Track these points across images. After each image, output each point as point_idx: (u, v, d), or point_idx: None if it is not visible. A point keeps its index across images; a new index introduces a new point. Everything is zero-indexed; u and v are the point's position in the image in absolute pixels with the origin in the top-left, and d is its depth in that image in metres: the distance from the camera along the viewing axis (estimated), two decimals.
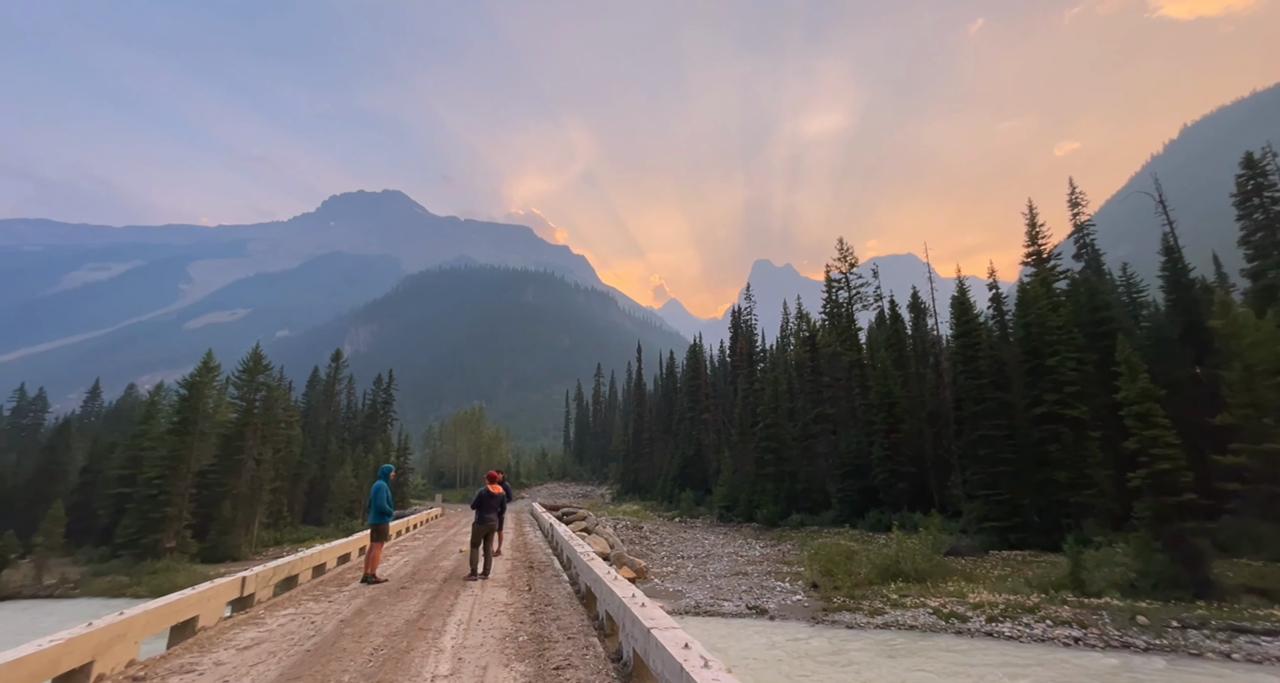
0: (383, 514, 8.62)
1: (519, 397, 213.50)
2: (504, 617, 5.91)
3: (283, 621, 6.16)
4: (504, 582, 8.18)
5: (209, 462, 38.15)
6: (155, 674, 4.45)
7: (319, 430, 56.55)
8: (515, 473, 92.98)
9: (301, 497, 49.61)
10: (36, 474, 47.41)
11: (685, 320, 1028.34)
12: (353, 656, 4.70)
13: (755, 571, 21.47)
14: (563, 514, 26.48)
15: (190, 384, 38.04)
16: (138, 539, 32.94)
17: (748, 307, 54.80)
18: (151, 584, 26.86)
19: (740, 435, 42.93)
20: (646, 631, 3.61)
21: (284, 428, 45.46)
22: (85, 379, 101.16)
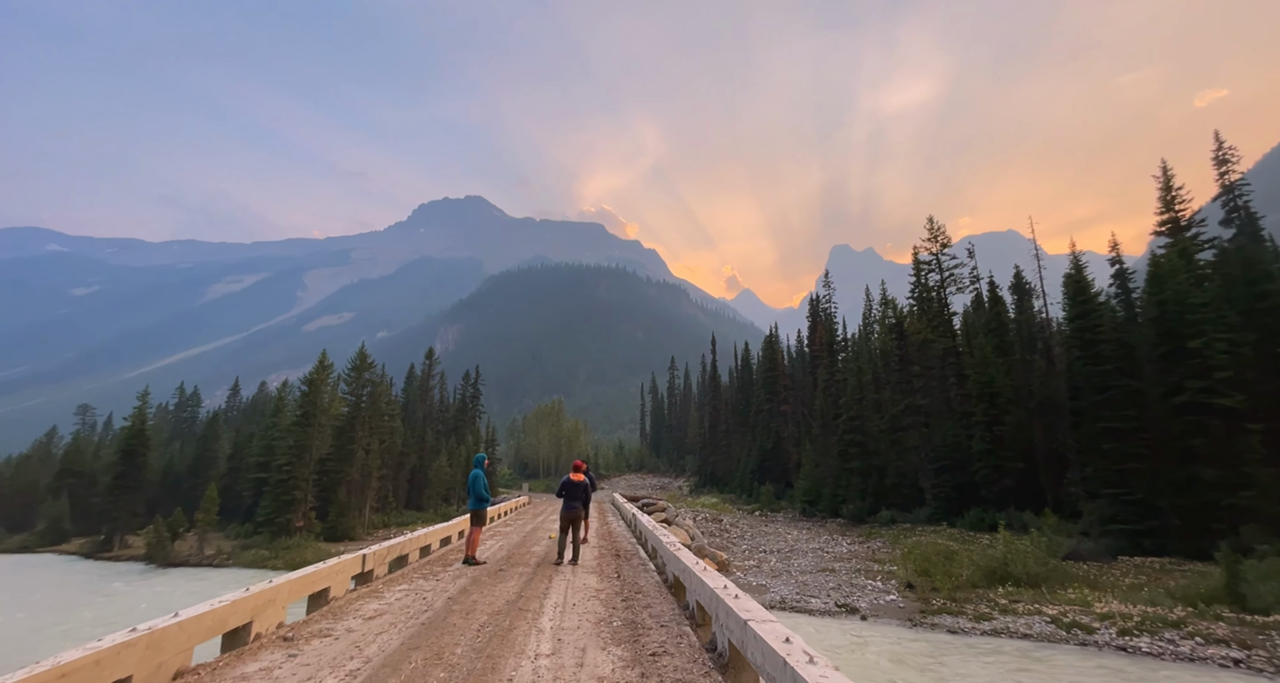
0: (481, 501, 9.19)
1: (595, 390, 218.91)
2: (596, 602, 6.11)
3: (399, 595, 6.76)
4: (593, 568, 8.45)
5: (326, 451, 42.46)
6: (300, 636, 5.04)
7: (416, 423, 61.24)
8: (594, 464, 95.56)
9: (404, 484, 54.04)
10: (195, 460, 55.22)
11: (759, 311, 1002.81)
12: (462, 631, 5.06)
13: (843, 568, 20.66)
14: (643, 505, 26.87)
15: (310, 382, 42.47)
16: (273, 518, 37.45)
17: (826, 294, 52.46)
18: (286, 558, 30.41)
19: (822, 428, 41.33)
20: (743, 622, 3.58)
21: (387, 421, 49.66)
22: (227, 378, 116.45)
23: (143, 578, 29.64)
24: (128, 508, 45.10)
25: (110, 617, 20.04)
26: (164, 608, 20.57)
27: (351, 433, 43.37)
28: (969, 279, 35.59)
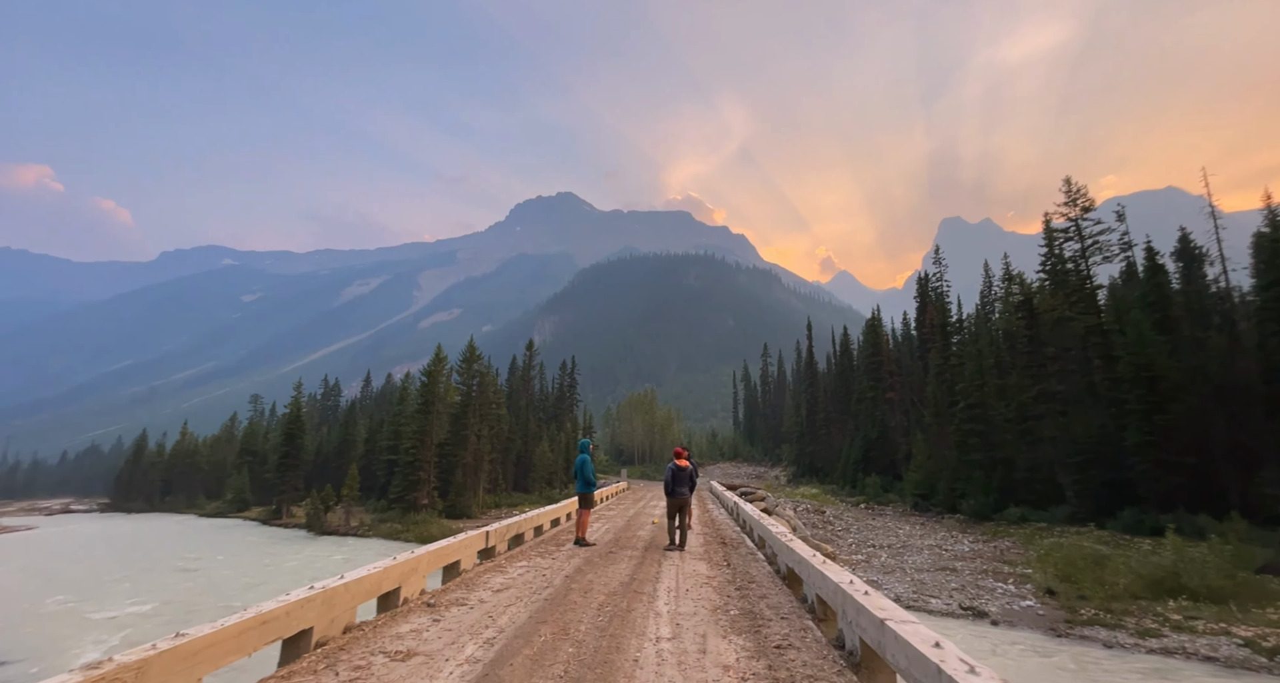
0: (588, 484, 9.53)
1: (686, 378, 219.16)
2: (709, 589, 6.08)
3: (520, 571, 7.20)
4: (700, 555, 8.45)
5: (444, 436, 46.51)
6: (441, 603, 5.53)
7: (520, 411, 65.13)
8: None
9: (511, 467, 57.84)
10: (339, 443, 63.05)
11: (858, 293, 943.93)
12: (583, 609, 5.27)
13: (966, 568, 18.98)
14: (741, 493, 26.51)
15: (428, 373, 46.65)
16: (403, 496, 41.83)
17: (936, 272, 47.97)
18: (415, 532, 33.85)
19: (935, 417, 38.09)
20: (879, 622, 3.34)
21: (495, 409, 53.30)
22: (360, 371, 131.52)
23: (305, 543, 34.50)
24: (291, 483, 52.63)
25: (285, 574, 23.55)
26: (326, 569, 23.78)
27: (464, 420, 47.07)
28: (1118, 246, 30.72)
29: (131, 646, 12.63)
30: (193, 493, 73.34)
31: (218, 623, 3.56)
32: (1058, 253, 31.78)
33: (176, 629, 9.57)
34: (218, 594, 19.79)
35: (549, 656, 3.97)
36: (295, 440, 53.85)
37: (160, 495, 75.35)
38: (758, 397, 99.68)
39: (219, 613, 14.21)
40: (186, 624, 14.71)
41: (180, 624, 15.59)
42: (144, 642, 9.41)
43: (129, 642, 14.09)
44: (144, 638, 14.37)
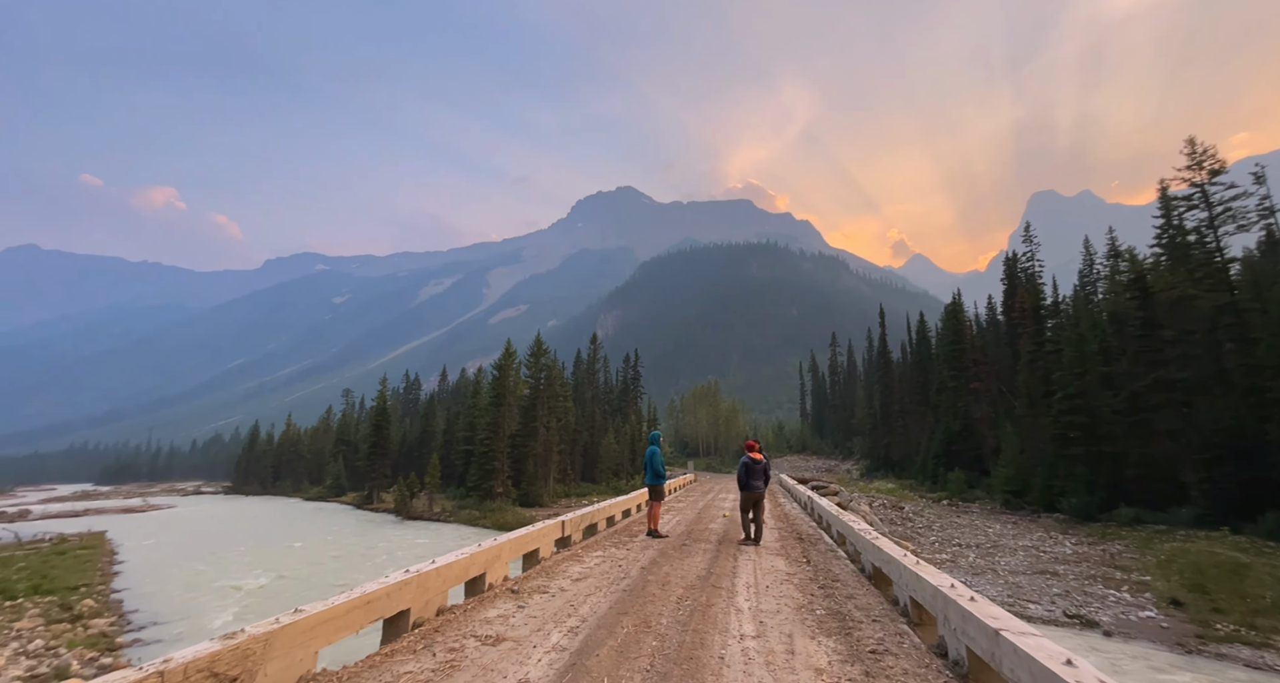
0: (658, 476, 9.52)
1: (750, 370, 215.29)
2: (790, 586, 5.88)
3: (596, 561, 7.31)
4: (777, 550, 8.22)
5: (515, 428, 48.37)
6: (524, 590, 5.70)
7: (586, 404, 66.53)
8: None
9: (579, 458, 59.30)
10: (420, 434, 67.24)
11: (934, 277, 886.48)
12: (662, 601, 5.24)
13: (1070, 572, 17.37)
14: (813, 487, 25.68)
15: (499, 367, 48.60)
16: (480, 484, 43.97)
17: (1027, 251, 43.90)
18: (492, 519, 35.50)
19: (1028, 408, 35.04)
20: (993, 632, 3.05)
21: (562, 402, 54.77)
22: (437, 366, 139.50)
23: (394, 527, 37.14)
24: (379, 471, 56.77)
25: (379, 554, 25.46)
26: (412, 551, 25.48)
27: (534, 412, 48.69)
28: (1255, 213, 26.75)
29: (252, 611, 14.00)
30: (298, 478, 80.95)
31: (329, 602, 3.82)
32: (1177, 224, 28.18)
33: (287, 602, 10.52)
34: (322, 571, 21.70)
35: (633, 648, 3.97)
36: (382, 431, 57.94)
37: (271, 480, 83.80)
38: (826, 388, 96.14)
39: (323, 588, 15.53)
40: (296, 597, 16.15)
41: (290, 596, 17.23)
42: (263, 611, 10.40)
43: (250, 609, 15.73)
44: (262, 607, 16.00)
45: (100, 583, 19.21)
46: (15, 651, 11.60)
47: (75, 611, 15.10)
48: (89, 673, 11.05)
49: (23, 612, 14.58)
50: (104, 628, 14.04)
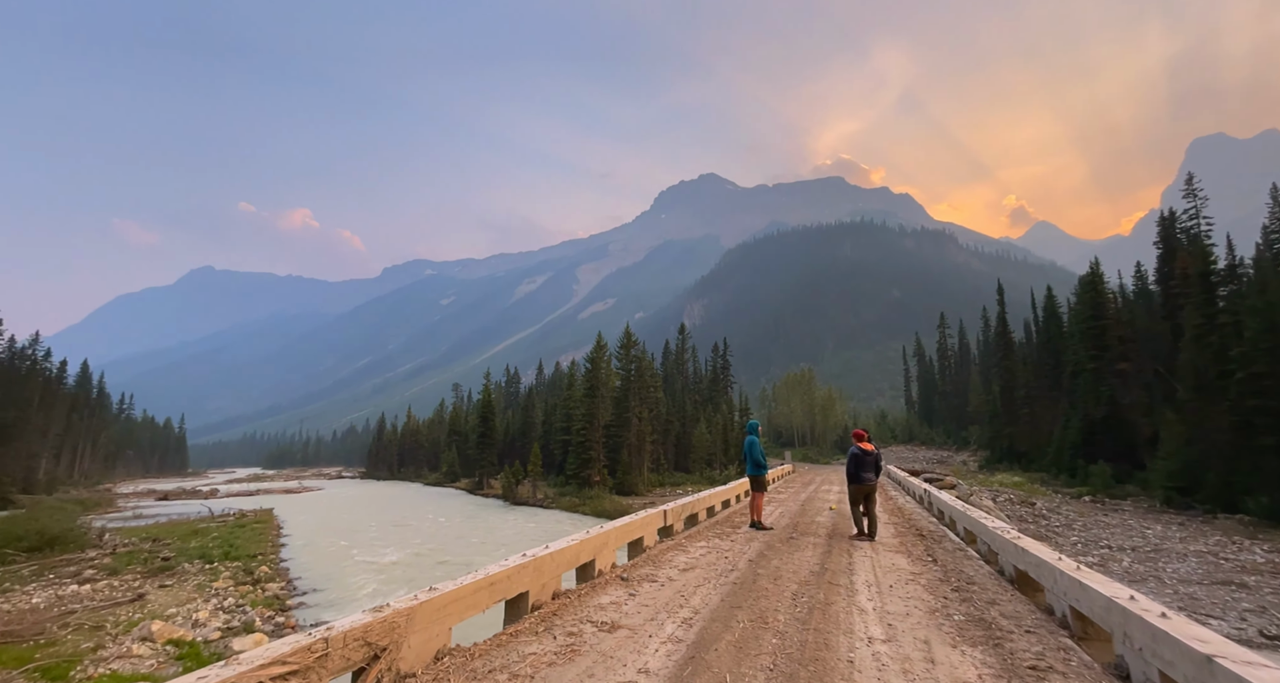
0: (759, 467, 9.22)
1: (846, 356, 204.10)
2: (916, 587, 5.40)
3: (701, 551, 7.23)
4: (895, 547, 7.63)
5: (609, 418, 49.69)
6: (632, 578, 5.76)
7: (676, 394, 66.79)
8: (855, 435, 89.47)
9: (671, 448, 59.75)
10: (521, 425, 71.34)
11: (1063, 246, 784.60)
12: (776, 597, 5.04)
13: (1262, 584, 14.59)
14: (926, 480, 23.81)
15: (591, 360, 50.11)
16: (578, 473, 45.78)
17: (1189, 208, 37.20)
18: (591, 506, 36.82)
19: (1195, 391, 29.80)
20: (1203, 659, 2.53)
21: (652, 392, 55.39)
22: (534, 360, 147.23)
23: (503, 511, 39.79)
24: (487, 459, 61.02)
25: (491, 533, 27.40)
26: (522, 533, 27.11)
27: (626, 402, 49.71)
28: None
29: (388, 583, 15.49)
30: (419, 465, 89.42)
31: (458, 582, 4.06)
32: None
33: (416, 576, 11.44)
34: (446, 550, 23.75)
35: (751, 645, 3.82)
36: (488, 423, 62.17)
37: (397, 466, 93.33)
38: (934, 373, 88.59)
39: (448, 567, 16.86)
40: (424, 572, 17.73)
41: (419, 572, 19.02)
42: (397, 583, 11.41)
43: (387, 582, 17.59)
44: (396, 579, 17.82)
45: (271, 553, 22.46)
46: (214, 606, 13.87)
47: (255, 575, 17.77)
48: (268, 629, 12.94)
49: (218, 574, 17.42)
50: (276, 591, 16.38)
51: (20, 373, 58.54)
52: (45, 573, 17.60)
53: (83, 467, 74.74)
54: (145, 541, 23.49)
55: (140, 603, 13.73)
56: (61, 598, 14.33)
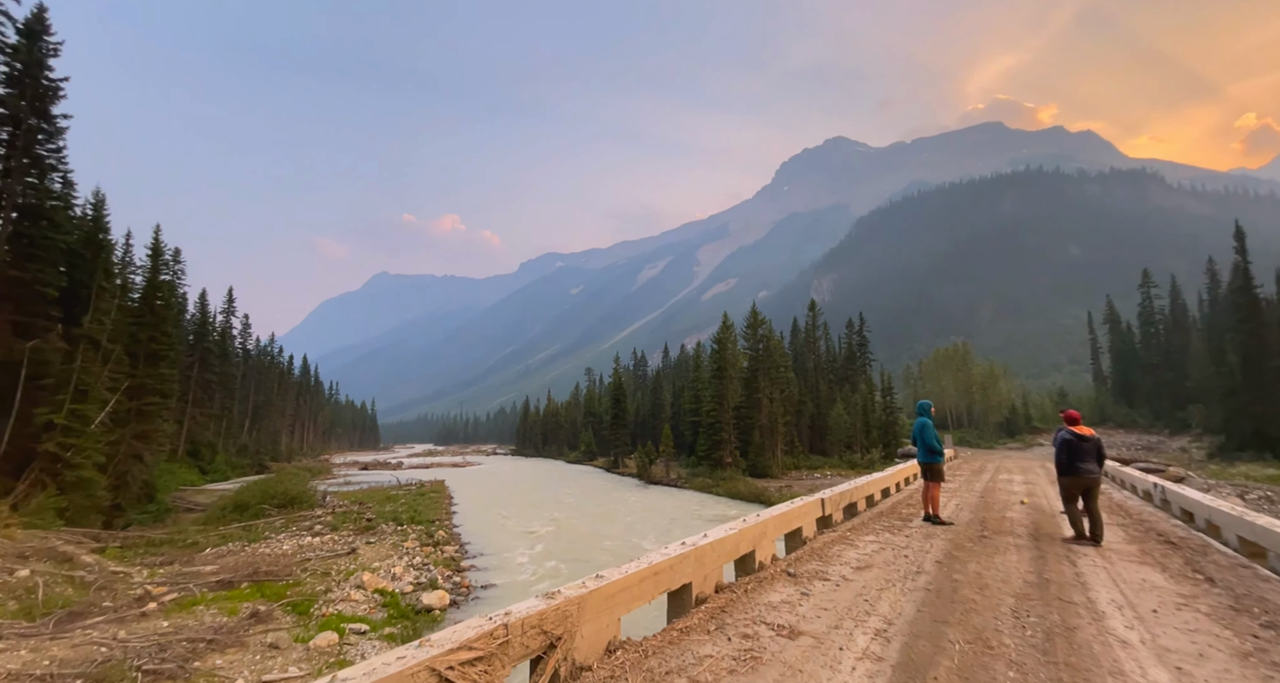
0: (933, 453, 7.99)
1: (1008, 327, 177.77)
2: (1195, 615, 4.11)
3: (872, 547, 6.40)
4: (1135, 556, 6.06)
5: (739, 400, 48.68)
6: (800, 573, 5.20)
7: (808, 374, 63.40)
8: (1024, 415, 78.12)
9: (805, 430, 57.03)
10: (650, 407, 73.15)
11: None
12: (989, 612, 4.14)
13: None
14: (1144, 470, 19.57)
15: (718, 341, 49.35)
16: (709, 454, 45.65)
17: None
18: (725, 488, 36.47)
19: None
20: None
21: (782, 371, 53.10)
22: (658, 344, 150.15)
23: (639, 489, 41.13)
24: (621, 439, 63.57)
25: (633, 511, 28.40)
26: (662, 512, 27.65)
27: (755, 383, 48.24)
28: None
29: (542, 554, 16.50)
30: (559, 444, 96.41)
31: (623, 569, 3.86)
32: None
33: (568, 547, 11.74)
34: (591, 524, 25.09)
35: (981, 675, 3.08)
36: (620, 405, 64.62)
37: (541, 445, 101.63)
38: (1134, 342, 73.12)
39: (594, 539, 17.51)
40: (574, 544, 18.68)
41: (569, 543, 20.22)
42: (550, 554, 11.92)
43: (541, 553, 18.97)
44: (550, 551, 19.12)
45: (445, 519, 25.57)
46: (406, 563, 16.01)
47: (434, 538, 20.28)
48: (447, 587, 14.59)
49: (407, 535, 20.18)
50: (452, 554, 18.51)
51: (266, 366, 73.94)
52: (290, 526, 21.86)
53: (307, 440, 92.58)
54: (353, 504, 28.13)
55: (354, 556, 16.29)
56: (301, 547, 17.57)
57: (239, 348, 66.09)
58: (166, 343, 30.08)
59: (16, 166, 23.94)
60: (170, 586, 12.26)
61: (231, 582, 12.87)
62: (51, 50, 24.83)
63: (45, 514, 18.55)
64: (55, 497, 19.70)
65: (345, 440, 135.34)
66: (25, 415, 21.14)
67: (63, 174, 26.14)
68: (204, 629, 9.37)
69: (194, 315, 54.83)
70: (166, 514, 25.70)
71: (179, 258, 45.02)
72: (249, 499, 24.34)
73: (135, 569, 13.69)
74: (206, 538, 19.48)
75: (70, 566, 12.73)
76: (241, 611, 10.48)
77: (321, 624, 10.11)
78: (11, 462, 20.93)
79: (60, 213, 26.59)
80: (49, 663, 7.59)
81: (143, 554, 16.88)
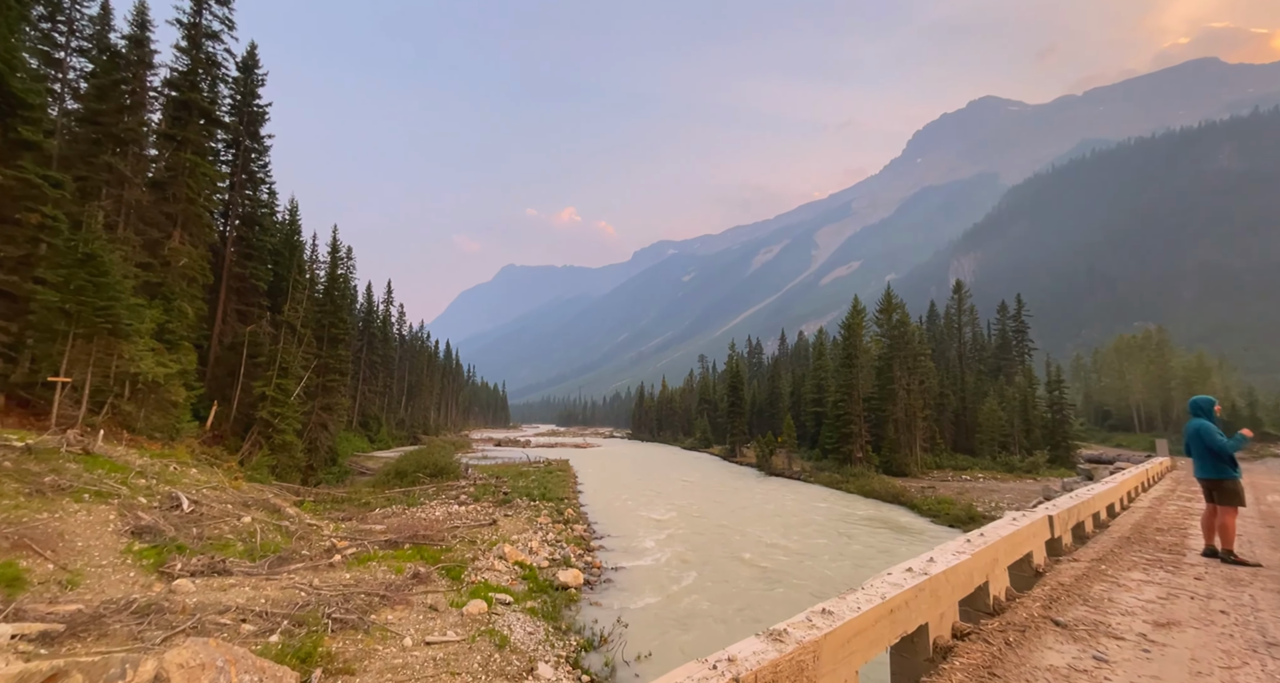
0: (1227, 463, 5.87)
1: (1218, 310, 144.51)
2: None
3: (1154, 592, 4.75)
4: None
5: (870, 390, 44.70)
6: (1071, 624, 3.84)
7: (950, 363, 56.52)
8: (1248, 418, 63.03)
9: (948, 426, 50.99)
10: (768, 395, 70.39)
11: None
12: None
13: None
14: None
15: (847, 326, 45.59)
16: (837, 448, 42.54)
17: None
18: (855, 484, 33.60)
19: None
20: None
21: (921, 361, 47.72)
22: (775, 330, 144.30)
23: (759, 481, 39.58)
24: (738, 427, 61.97)
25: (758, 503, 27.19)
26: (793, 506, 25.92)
27: (889, 373, 43.90)
28: None
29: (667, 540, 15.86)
30: (674, 430, 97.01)
31: (852, 604, 2.95)
32: None
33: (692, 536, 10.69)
34: (713, 512, 24.38)
35: None
36: (737, 393, 62.90)
37: (656, 430, 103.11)
38: None
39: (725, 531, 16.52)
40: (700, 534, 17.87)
41: (693, 532, 19.64)
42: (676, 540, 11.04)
43: (666, 540, 18.63)
44: (676, 538, 18.70)
45: (572, 498, 26.46)
46: (540, 539, 16.55)
47: (564, 516, 20.93)
48: (579, 565, 14.75)
49: (539, 511, 21.06)
50: (581, 532, 18.90)
51: (417, 351, 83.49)
52: (439, 494, 23.99)
53: (451, 417, 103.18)
54: (490, 477, 30.26)
55: (494, 527, 17.18)
56: (450, 515, 19.01)
57: (396, 334, 75.10)
58: (344, 328, 34.58)
59: (238, 182, 28.70)
60: (350, 541, 13.67)
61: (397, 542, 14.05)
62: (260, 80, 29.25)
63: (261, 470, 22.15)
64: (268, 456, 23.50)
65: (480, 418, 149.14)
66: (246, 388, 25.42)
67: (268, 185, 31.00)
68: (377, 585, 10.14)
69: (361, 305, 63.18)
70: (345, 476, 29.68)
71: (351, 255, 51.85)
72: (407, 467, 27.14)
73: (324, 523, 15.55)
74: (375, 499, 21.94)
75: (278, 516, 14.75)
76: (406, 570, 11.26)
77: (471, 591, 10.52)
78: (239, 425, 25.35)
79: (268, 219, 31.53)
80: (265, 601, 8.56)
81: (329, 509, 19.36)
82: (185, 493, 13.18)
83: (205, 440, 22.45)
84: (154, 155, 24.24)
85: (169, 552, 9.82)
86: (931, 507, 25.02)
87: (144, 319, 18.27)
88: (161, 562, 9.39)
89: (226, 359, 26.33)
